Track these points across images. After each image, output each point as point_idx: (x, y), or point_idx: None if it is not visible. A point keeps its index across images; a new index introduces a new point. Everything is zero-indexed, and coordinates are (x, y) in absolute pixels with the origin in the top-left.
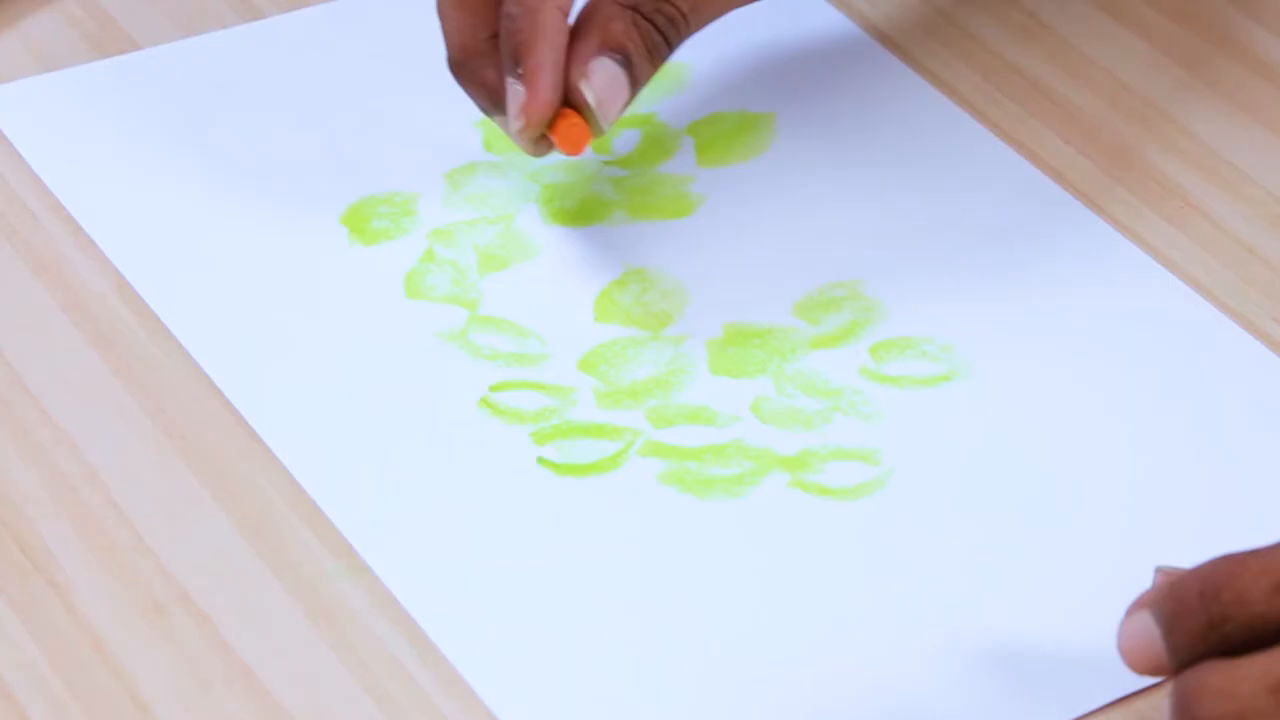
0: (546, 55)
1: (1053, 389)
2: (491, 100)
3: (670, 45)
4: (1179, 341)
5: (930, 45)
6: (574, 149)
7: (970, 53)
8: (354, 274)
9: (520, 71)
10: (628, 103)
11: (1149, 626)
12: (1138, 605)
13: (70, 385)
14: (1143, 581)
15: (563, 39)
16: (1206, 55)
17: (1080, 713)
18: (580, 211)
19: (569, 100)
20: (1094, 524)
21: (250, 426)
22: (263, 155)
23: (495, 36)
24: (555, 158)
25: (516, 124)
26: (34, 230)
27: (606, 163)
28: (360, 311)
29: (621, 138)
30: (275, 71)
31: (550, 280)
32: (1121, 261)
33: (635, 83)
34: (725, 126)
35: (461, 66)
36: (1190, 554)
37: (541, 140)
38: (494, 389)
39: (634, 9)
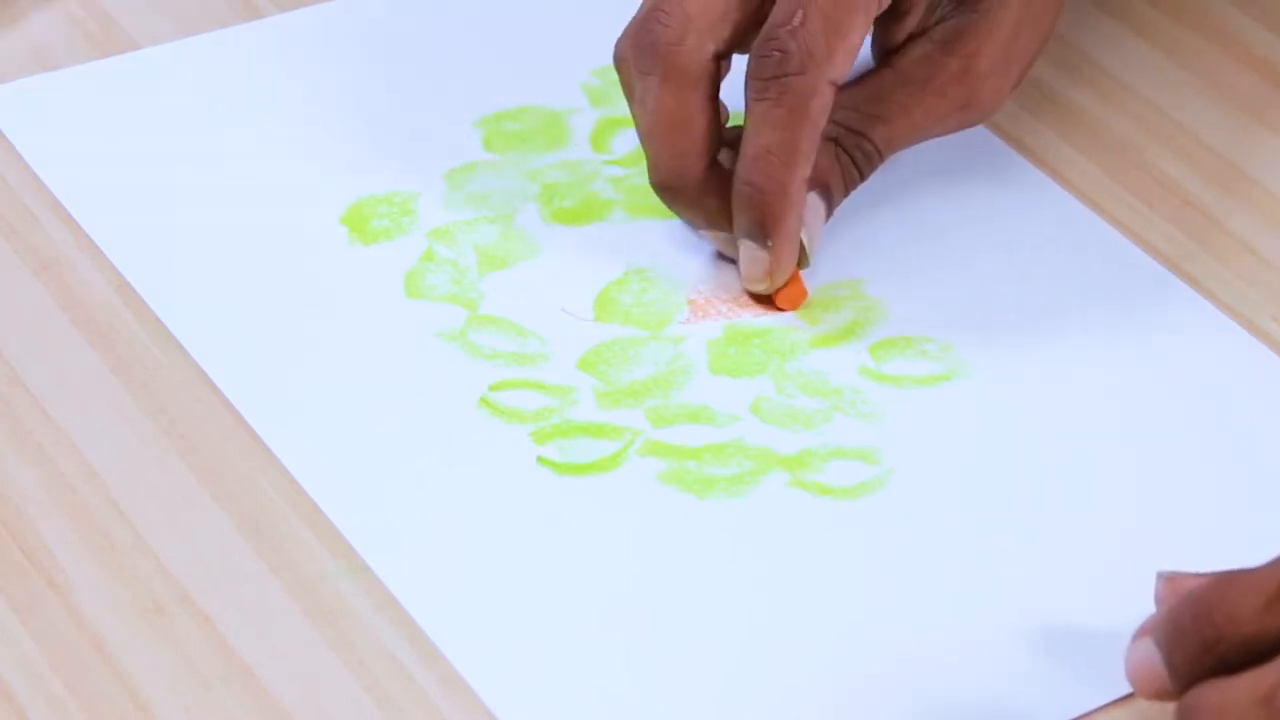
0: (795, 226)
1: (1052, 388)
2: (709, 224)
3: (863, 177)
4: (1178, 340)
5: None
6: (793, 307)
7: None
8: (353, 274)
9: (770, 244)
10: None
11: (1151, 652)
12: (1141, 632)
13: (70, 385)
14: (1142, 581)
15: (804, 205)
16: (1206, 54)
17: (1080, 712)
18: (580, 211)
19: None
20: (1093, 523)
21: (250, 426)
22: (262, 155)
23: (712, 165)
24: (554, 157)
25: (757, 286)
26: (34, 230)
27: (606, 162)
28: (360, 311)
29: (621, 137)
30: (275, 71)
31: (550, 280)
32: (1120, 260)
33: (830, 213)
34: None
35: (673, 191)
36: (1190, 554)
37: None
38: (494, 388)
39: (835, 141)
